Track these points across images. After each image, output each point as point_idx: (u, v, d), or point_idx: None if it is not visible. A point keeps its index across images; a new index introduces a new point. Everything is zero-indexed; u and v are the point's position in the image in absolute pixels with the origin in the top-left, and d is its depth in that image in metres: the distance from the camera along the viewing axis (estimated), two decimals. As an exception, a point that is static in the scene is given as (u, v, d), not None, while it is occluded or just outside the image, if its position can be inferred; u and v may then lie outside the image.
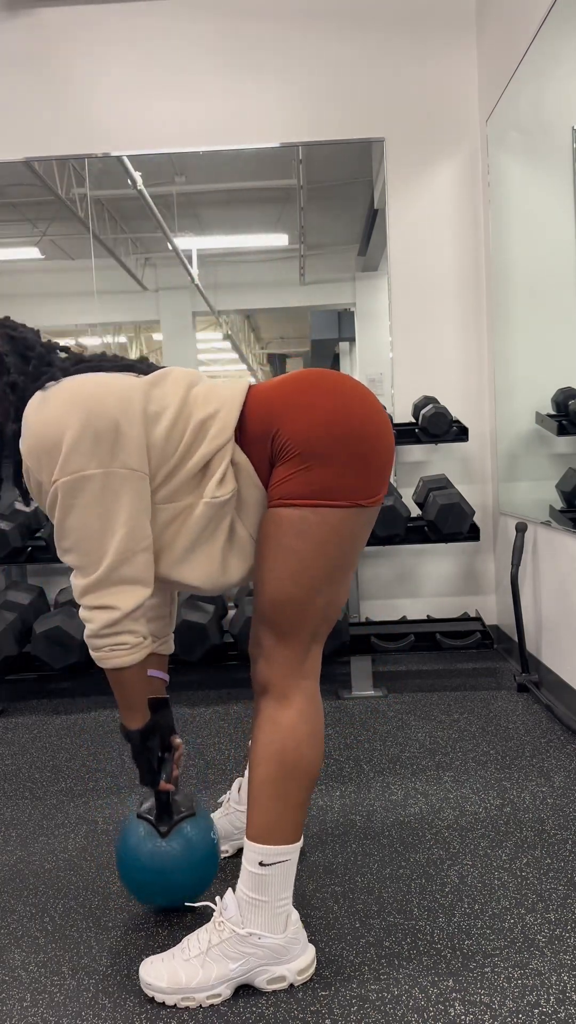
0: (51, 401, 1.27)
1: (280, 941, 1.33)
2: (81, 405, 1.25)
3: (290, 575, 1.30)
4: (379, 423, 1.32)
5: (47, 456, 1.25)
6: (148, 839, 1.48)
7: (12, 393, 1.34)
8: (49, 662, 2.72)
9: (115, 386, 1.29)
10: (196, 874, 1.50)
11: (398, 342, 3.49)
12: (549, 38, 2.48)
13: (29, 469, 1.28)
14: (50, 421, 1.25)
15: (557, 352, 2.54)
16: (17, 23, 3.41)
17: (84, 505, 1.24)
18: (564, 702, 2.60)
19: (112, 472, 1.25)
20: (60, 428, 1.24)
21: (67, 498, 1.24)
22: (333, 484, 1.29)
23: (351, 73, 3.40)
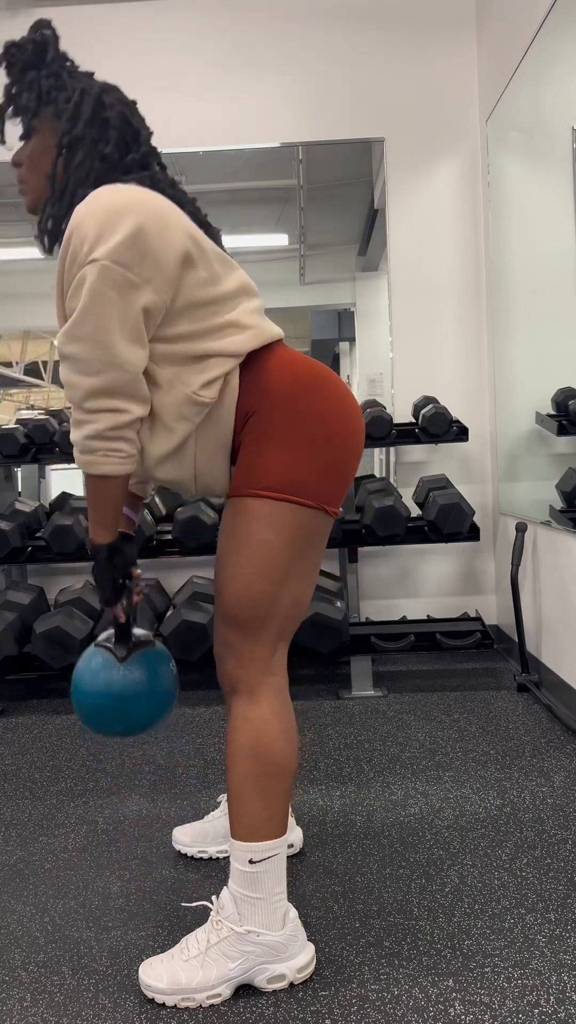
0: (130, 191, 1.23)
1: (279, 938, 1.33)
2: (152, 214, 1.22)
3: (260, 569, 1.30)
4: (360, 440, 1.38)
5: (98, 231, 1.18)
6: (106, 666, 1.44)
7: (100, 163, 1.31)
8: (49, 662, 2.72)
9: (184, 225, 1.26)
10: (153, 701, 1.45)
11: (398, 342, 3.48)
12: (549, 38, 2.48)
13: (76, 232, 1.21)
14: (119, 204, 1.20)
15: (557, 352, 2.54)
16: (17, 23, 3.41)
17: (111, 300, 1.19)
18: (564, 702, 2.60)
19: (144, 288, 1.21)
20: (125, 215, 1.19)
21: (100, 282, 1.18)
22: (309, 483, 1.30)
23: (351, 73, 3.40)
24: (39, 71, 1.33)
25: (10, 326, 3.60)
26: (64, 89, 1.33)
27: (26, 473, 3.63)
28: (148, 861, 1.81)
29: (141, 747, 2.50)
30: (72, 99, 1.32)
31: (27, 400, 3.76)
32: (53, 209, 1.33)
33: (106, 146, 1.31)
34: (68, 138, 1.31)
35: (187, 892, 1.67)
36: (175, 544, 2.97)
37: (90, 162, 1.30)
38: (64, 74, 1.34)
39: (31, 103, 1.33)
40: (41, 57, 1.34)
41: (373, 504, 2.91)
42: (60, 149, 1.32)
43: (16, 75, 1.35)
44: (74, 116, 1.31)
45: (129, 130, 1.33)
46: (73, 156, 1.31)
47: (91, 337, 1.19)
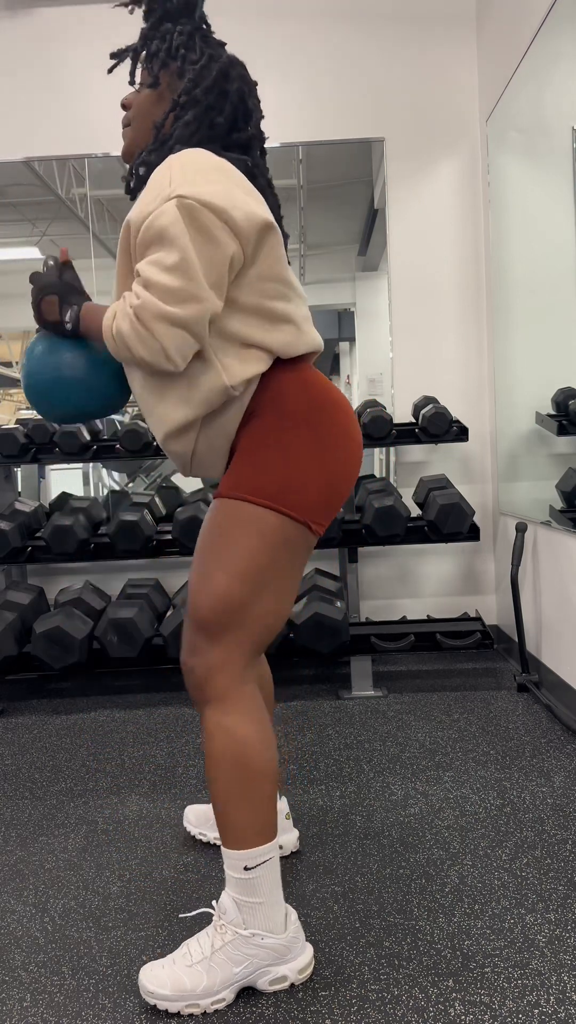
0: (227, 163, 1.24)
1: (282, 941, 1.33)
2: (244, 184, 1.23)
3: (240, 573, 1.29)
4: (356, 469, 1.39)
5: (193, 173, 1.18)
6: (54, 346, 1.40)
7: (209, 129, 1.32)
8: (49, 662, 2.72)
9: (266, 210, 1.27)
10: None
11: (398, 342, 3.48)
12: (549, 38, 2.48)
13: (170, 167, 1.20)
14: (218, 163, 1.22)
15: (557, 352, 2.54)
16: (17, 23, 3.41)
17: (201, 239, 1.18)
18: (564, 702, 2.60)
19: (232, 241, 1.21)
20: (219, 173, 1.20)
21: (189, 219, 1.17)
22: (302, 499, 1.30)
23: (351, 73, 3.40)
24: (175, 24, 1.35)
25: (10, 326, 3.60)
26: (193, 50, 1.35)
27: (26, 473, 3.63)
28: (148, 861, 1.81)
29: (141, 747, 2.50)
30: (199, 62, 1.33)
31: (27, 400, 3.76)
32: (150, 156, 1.34)
33: (218, 115, 1.32)
34: (186, 97, 1.32)
35: (187, 892, 1.67)
36: (175, 544, 2.97)
37: (198, 125, 1.31)
38: (197, 36, 1.36)
39: (161, 53, 1.35)
40: (181, 13, 1.36)
41: (373, 504, 2.91)
42: (175, 105, 1.33)
43: (153, 23, 1.37)
44: (197, 79, 1.32)
45: (243, 108, 1.35)
46: (184, 115, 1.32)
47: (179, 267, 1.17)
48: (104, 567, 3.55)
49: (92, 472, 3.76)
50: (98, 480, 3.78)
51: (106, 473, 3.78)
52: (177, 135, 1.31)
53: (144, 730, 2.65)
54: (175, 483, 3.60)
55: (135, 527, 2.91)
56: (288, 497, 1.29)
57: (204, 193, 1.18)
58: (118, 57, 1.43)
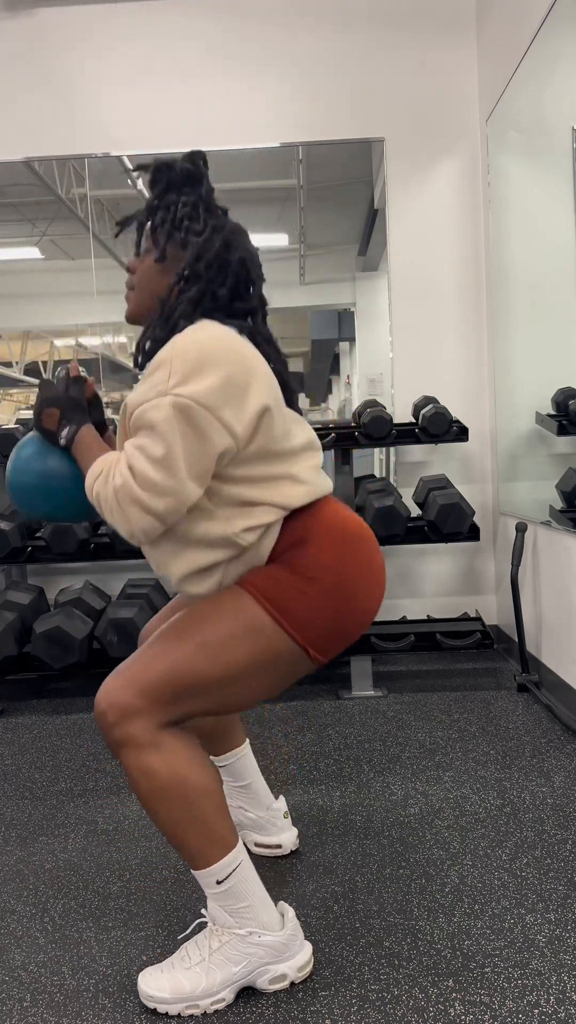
0: (232, 338, 1.27)
1: (280, 938, 1.34)
2: (248, 366, 1.26)
3: (213, 657, 1.28)
4: (372, 613, 1.39)
5: (191, 371, 1.22)
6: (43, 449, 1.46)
7: (210, 301, 1.34)
8: (49, 662, 2.72)
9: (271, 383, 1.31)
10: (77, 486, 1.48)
11: (398, 342, 3.48)
12: (549, 38, 2.48)
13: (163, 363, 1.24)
14: (220, 347, 1.24)
15: (557, 352, 2.54)
16: (17, 23, 3.41)
17: (190, 437, 1.22)
18: (564, 702, 2.60)
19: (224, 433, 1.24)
20: (221, 363, 1.23)
21: (180, 418, 1.21)
22: (307, 623, 1.31)
23: (351, 73, 3.40)
24: (179, 195, 1.38)
25: (10, 326, 3.60)
26: (197, 221, 1.37)
27: (26, 473, 3.62)
28: (148, 861, 1.81)
29: (141, 747, 2.50)
30: (203, 235, 1.36)
31: (27, 400, 3.76)
32: (155, 332, 1.37)
33: (220, 288, 1.35)
34: (189, 271, 1.35)
35: (187, 892, 1.68)
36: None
37: (200, 299, 1.34)
38: (201, 207, 1.38)
39: (166, 225, 1.38)
40: (184, 182, 1.39)
41: (373, 504, 2.91)
42: (179, 278, 1.36)
43: (158, 192, 1.40)
44: (201, 252, 1.35)
45: (245, 278, 1.38)
46: (188, 289, 1.35)
47: (163, 462, 1.22)
48: (104, 567, 3.55)
49: (92, 472, 3.75)
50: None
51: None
52: (181, 310, 1.34)
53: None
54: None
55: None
56: (295, 615, 1.31)
57: (201, 391, 1.21)
58: (124, 225, 1.47)
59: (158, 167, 1.39)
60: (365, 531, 1.40)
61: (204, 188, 1.41)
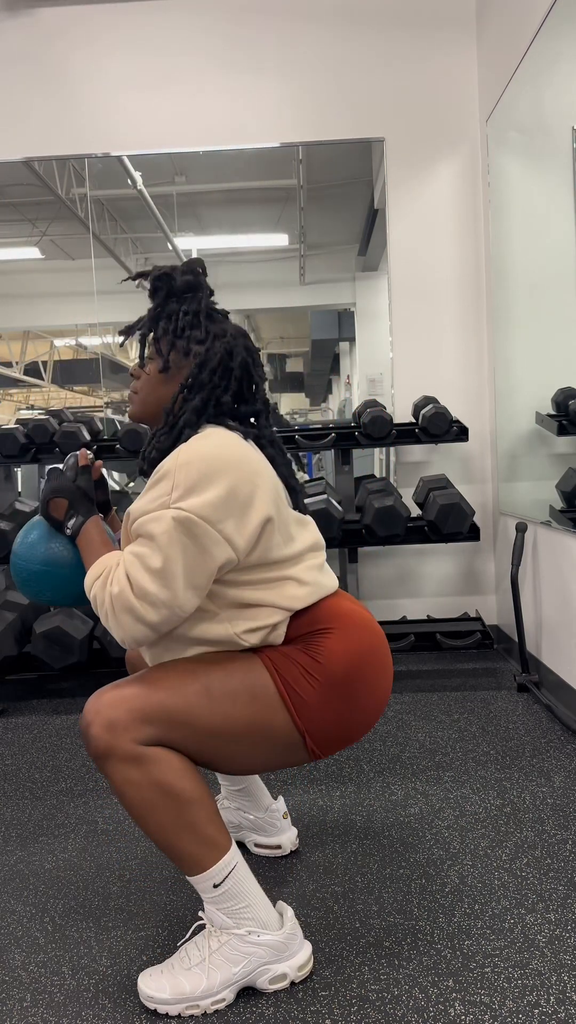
0: (234, 450, 1.29)
1: (279, 937, 1.34)
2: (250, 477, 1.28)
3: (215, 704, 1.28)
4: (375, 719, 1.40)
5: (194, 484, 1.24)
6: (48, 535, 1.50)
7: (214, 407, 1.36)
8: (49, 662, 2.72)
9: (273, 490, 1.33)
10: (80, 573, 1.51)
11: (398, 342, 3.49)
12: (549, 38, 2.48)
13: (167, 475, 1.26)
14: (222, 463, 1.26)
15: (557, 352, 2.54)
16: (16, 23, 3.41)
17: (190, 549, 1.24)
18: (564, 702, 2.60)
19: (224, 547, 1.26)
20: (224, 476, 1.25)
21: (182, 530, 1.23)
22: (313, 711, 1.32)
23: (351, 73, 3.40)
24: (180, 304, 1.40)
25: (10, 326, 3.60)
26: (198, 329, 1.39)
27: (26, 473, 3.63)
28: (148, 861, 1.81)
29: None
30: (205, 343, 1.38)
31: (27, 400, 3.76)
32: (160, 442, 1.38)
33: (224, 394, 1.37)
34: (193, 381, 1.37)
35: (187, 892, 1.68)
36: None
37: (204, 407, 1.36)
38: (202, 315, 1.40)
39: (168, 333, 1.39)
40: (186, 292, 1.40)
41: (373, 504, 2.91)
42: (183, 387, 1.37)
43: (159, 301, 1.41)
44: (203, 362, 1.37)
45: (248, 381, 1.40)
46: (192, 398, 1.37)
47: (160, 574, 1.24)
48: (104, 567, 3.54)
49: (92, 472, 3.76)
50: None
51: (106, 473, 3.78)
52: (185, 419, 1.35)
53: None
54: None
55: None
56: (300, 702, 1.31)
57: (202, 504, 1.23)
58: (127, 334, 1.48)
59: (158, 277, 1.41)
60: (382, 639, 1.42)
61: (204, 296, 1.43)
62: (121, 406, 3.67)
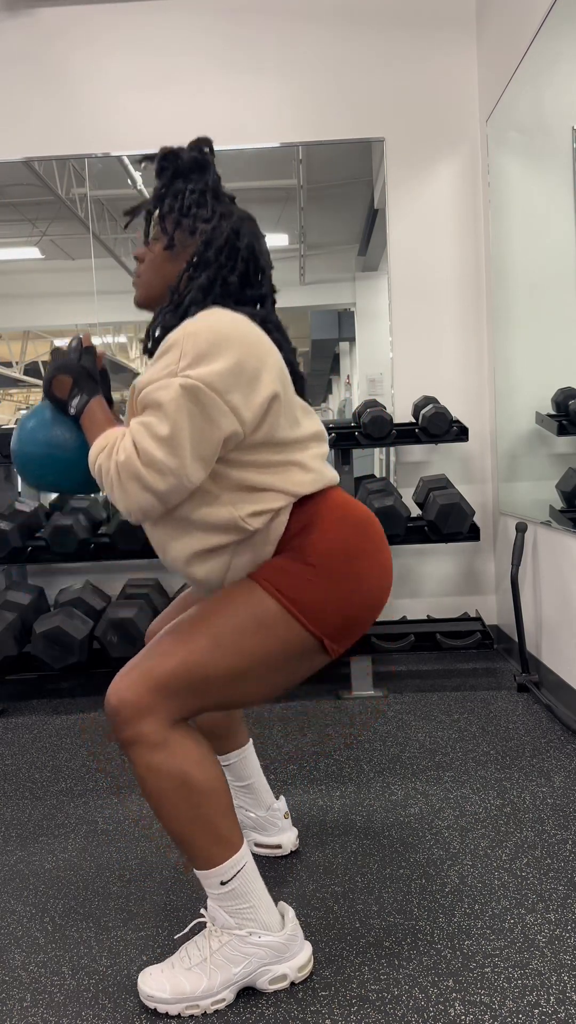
0: (242, 326, 1.27)
1: (280, 939, 1.33)
2: (258, 351, 1.26)
3: (227, 653, 1.27)
4: (382, 602, 1.39)
5: (203, 353, 1.22)
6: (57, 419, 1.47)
7: (220, 288, 1.34)
8: (49, 662, 2.72)
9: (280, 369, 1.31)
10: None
11: (398, 342, 3.48)
12: (549, 38, 2.48)
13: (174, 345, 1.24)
14: (230, 335, 1.24)
15: (557, 352, 2.54)
16: (16, 23, 3.41)
17: (197, 419, 1.22)
18: (564, 702, 2.60)
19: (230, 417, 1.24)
20: (233, 347, 1.23)
21: (189, 399, 1.21)
22: (322, 614, 1.31)
23: (351, 73, 3.40)
24: (186, 183, 1.38)
25: (10, 326, 3.60)
26: (204, 208, 1.37)
27: (26, 473, 3.62)
28: (148, 861, 1.81)
29: (141, 747, 2.50)
30: (211, 222, 1.37)
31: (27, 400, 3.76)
32: (166, 319, 1.37)
33: (231, 274, 1.35)
34: (199, 258, 1.35)
35: (187, 892, 1.68)
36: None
37: (211, 286, 1.34)
38: (208, 194, 1.39)
39: (173, 213, 1.38)
40: (191, 170, 1.39)
41: (373, 504, 2.91)
42: (188, 266, 1.36)
43: (165, 180, 1.40)
44: (210, 239, 1.36)
45: (254, 265, 1.38)
46: (198, 276, 1.35)
47: (168, 442, 1.22)
48: (104, 567, 3.55)
49: (92, 472, 3.75)
50: (98, 480, 3.77)
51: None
52: (192, 296, 1.34)
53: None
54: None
55: (135, 527, 2.91)
56: (308, 606, 1.30)
57: (210, 374, 1.21)
58: (132, 214, 1.46)
59: (165, 155, 1.39)
60: (370, 517, 1.39)
61: (211, 176, 1.41)
62: (121, 406, 3.67)
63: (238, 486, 1.32)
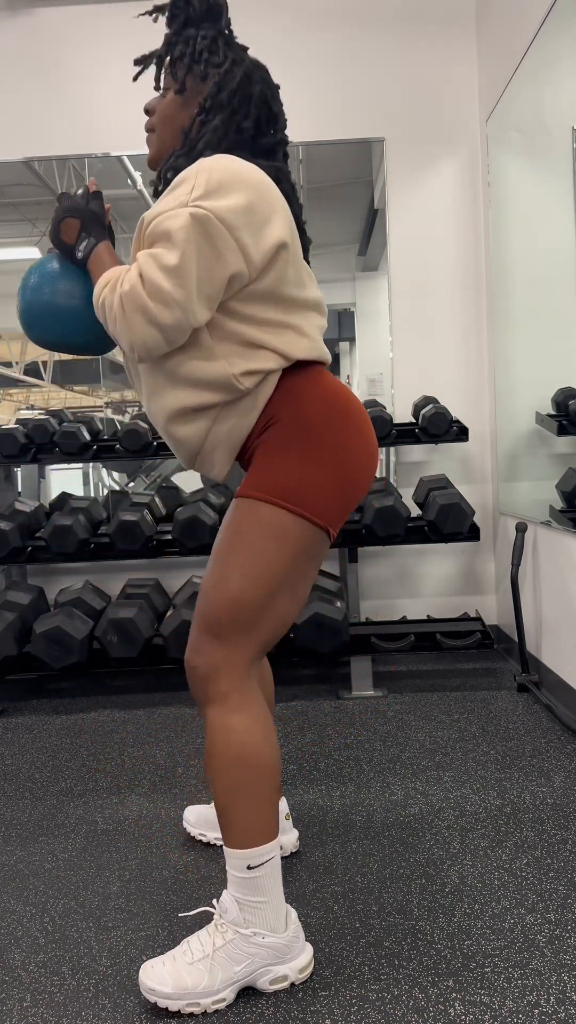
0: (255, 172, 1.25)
1: (283, 940, 1.33)
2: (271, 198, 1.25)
3: (256, 576, 1.29)
4: (371, 478, 1.38)
5: (216, 187, 1.20)
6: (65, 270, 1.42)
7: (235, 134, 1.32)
8: (49, 662, 2.72)
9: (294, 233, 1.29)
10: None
11: (398, 342, 3.48)
12: (549, 38, 2.48)
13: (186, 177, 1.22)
14: (247, 173, 1.23)
15: (557, 352, 2.54)
16: (17, 23, 3.41)
17: (205, 252, 1.20)
18: (564, 702, 2.60)
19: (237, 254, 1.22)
20: (246, 187, 1.22)
21: (200, 229, 1.19)
22: (321, 504, 1.30)
23: (351, 73, 3.40)
24: (198, 29, 1.36)
25: (10, 326, 3.60)
26: (217, 54, 1.35)
27: (26, 473, 3.63)
28: (148, 861, 1.81)
29: (141, 747, 2.50)
30: (223, 66, 1.34)
31: (27, 400, 3.76)
32: (178, 161, 1.35)
33: (244, 119, 1.33)
34: (211, 102, 1.33)
35: (187, 892, 1.67)
36: (175, 544, 2.97)
37: (225, 129, 1.32)
38: (220, 40, 1.36)
39: (185, 58, 1.36)
40: (204, 17, 1.37)
41: (373, 504, 2.91)
42: (201, 109, 1.34)
43: (176, 28, 1.38)
44: (222, 83, 1.33)
45: (267, 112, 1.36)
46: (211, 119, 1.33)
47: (175, 272, 1.19)
48: (104, 567, 3.55)
49: (92, 472, 3.76)
50: (98, 480, 3.78)
51: (106, 473, 3.78)
52: (207, 139, 1.32)
53: (144, 730, 2.65)
54: (175, 483, 3.60)
55: (135, 527, 2.91)
56: (308, 501, 1.30)
57: (222, 207, 1.19)
58: (143, 63, 1.44)
59: (175, 2, 1.37)
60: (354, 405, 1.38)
61: (223, 22, 1.39)
62: (121, 406, 3.67)
63: (235, 339, 1.29)
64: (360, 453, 1.35)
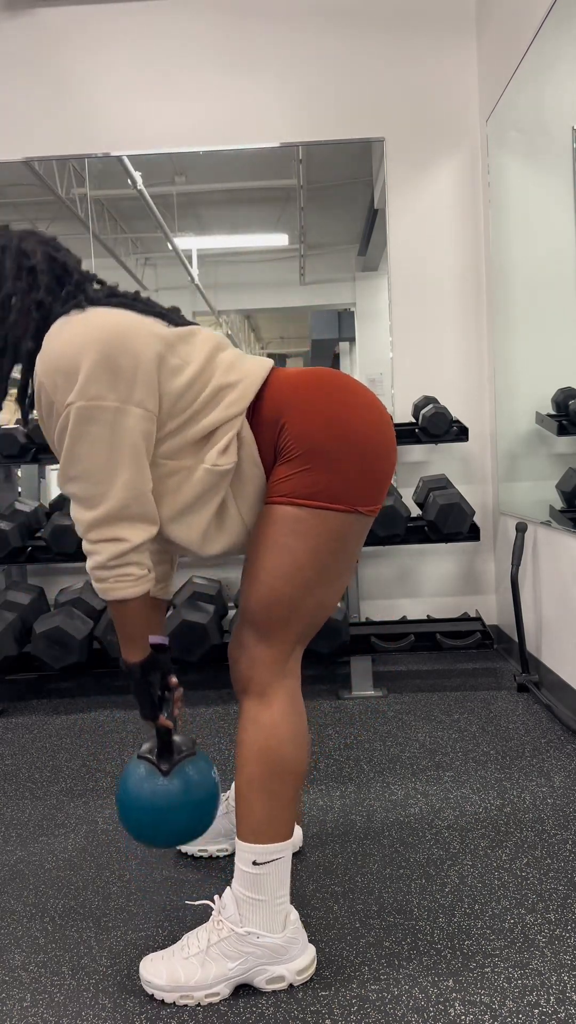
0: (76, 326, 1.24)
1: (279, 941, 1.33)
2: (106, 336, 1.23)
3: (284, 574, 1.32)
4: (385, 432, 1.34)
5: (64, 377, 1.22)
6: (149, 778, 1.42)
7: (37, 311, 1.31)
8: (49, 662, 2.72)
9: (142, 328, 1.27)
10: (197, 813, 1.44)
11: (398, 342, 3.48)
12: (549, 38, 2.48)
13: (43, 387, 1.24)
14: (73, 344, 1.22)
15: (557, 352, 2.54)
16: (17, 23, 3.41)
17: (96, 435, 1.22)
18: (564, 702, 2.60)
19: (127, 409, 1.23)
20: (81, 352, 1.21)
21: (79, 424, 1.22)
22: (334, 487, 1.30)
23: (351, 73, 3.40)
24: None
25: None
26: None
27: (26, 473, 3.63)
28: (148, 861, 1.81)
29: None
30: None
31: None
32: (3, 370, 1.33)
33: (38, 293, 1.30)
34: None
35: (187, 892, 1.68)
36: (175, 544, 2.96)
37: (26, 316, 1.30)
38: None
39: None
40: None
41: (373, 504, 2.91)
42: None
43: None
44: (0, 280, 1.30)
45: (56, 267, 1.33)
46: (7, 315, 1.30)
47: (83, 475, 1.24)
48: (104, 567, 3.54)
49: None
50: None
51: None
52: (12, 337, 1.30)
53: (144, 730, 2.65)
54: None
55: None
56: (320, 490, 1.30)
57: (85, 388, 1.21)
58: None
59: None
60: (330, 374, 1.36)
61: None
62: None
63: (191, 445, 1.30)
64: (361, 412, 1.32)
